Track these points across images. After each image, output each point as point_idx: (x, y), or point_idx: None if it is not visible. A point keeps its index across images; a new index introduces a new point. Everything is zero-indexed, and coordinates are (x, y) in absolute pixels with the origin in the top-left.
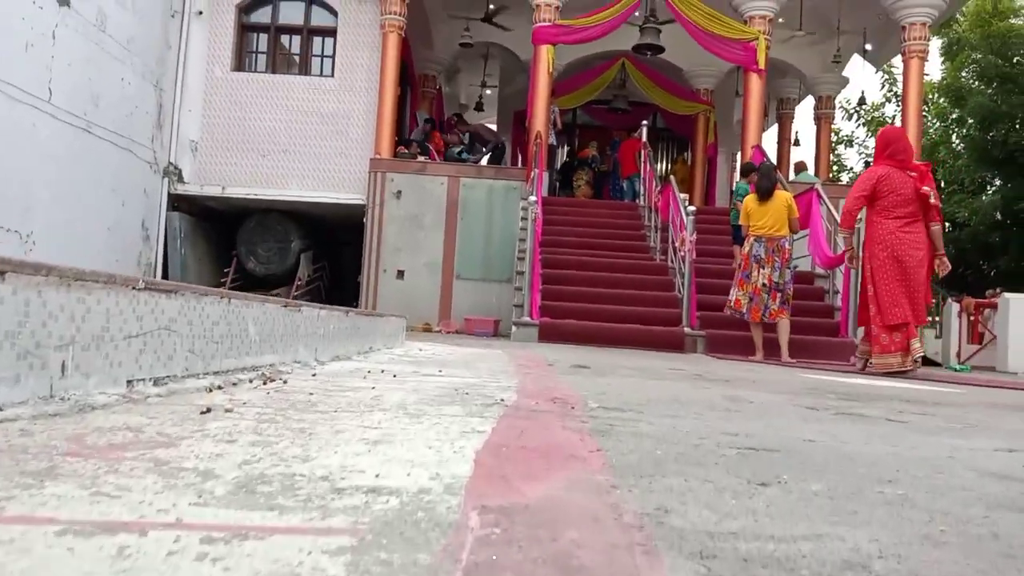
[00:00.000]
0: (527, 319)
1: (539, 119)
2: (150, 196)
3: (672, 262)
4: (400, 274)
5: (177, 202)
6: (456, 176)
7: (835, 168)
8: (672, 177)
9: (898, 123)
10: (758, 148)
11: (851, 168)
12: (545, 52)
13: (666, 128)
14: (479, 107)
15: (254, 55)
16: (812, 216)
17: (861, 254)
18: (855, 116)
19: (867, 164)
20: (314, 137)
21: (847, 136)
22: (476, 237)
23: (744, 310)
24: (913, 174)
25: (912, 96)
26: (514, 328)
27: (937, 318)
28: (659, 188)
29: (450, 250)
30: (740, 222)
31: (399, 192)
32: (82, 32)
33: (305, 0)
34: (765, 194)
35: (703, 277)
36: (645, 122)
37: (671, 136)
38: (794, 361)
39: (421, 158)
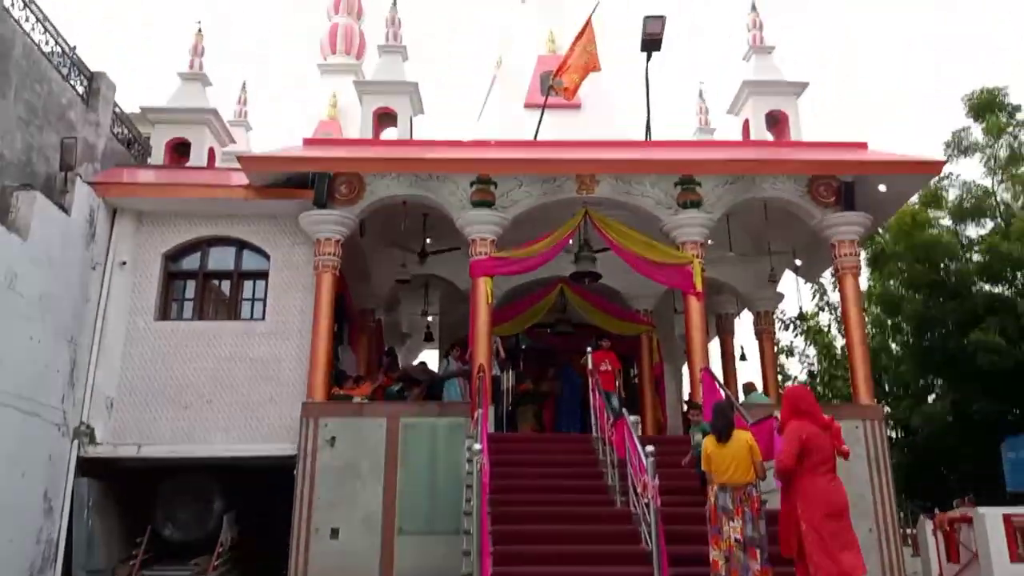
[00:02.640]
0: None
1: (481, 351)
2: (55, 462)
3: (634, 506)
4: (335, 533)
5: (87, 465)
6: (395, 416)
7: (780, 379)
8: (625, 412)
9: (838, 333)
10: (707, 371)
11: (795, 377)
12: (483, 284)
13: (609, 347)
14: (428, 337)
15: (180, 302)
16: (776, 447)
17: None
18: (792, 327)
19: (810, 374)
20: (242, 384)
21: (787, 346)
22: (420, 483)
23: (723, 573)
24: (826, 431)
25: (852, 311)
26: None
27: (911, 530)
28: (611, 421)
29: (391, 500)
30: (703, 467)
31: (333, 438)
32: None
33: (235, 245)
34: (723, 435)
35: (671, 523)
36: (589, 348)
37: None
38: None
39: (357, 399)
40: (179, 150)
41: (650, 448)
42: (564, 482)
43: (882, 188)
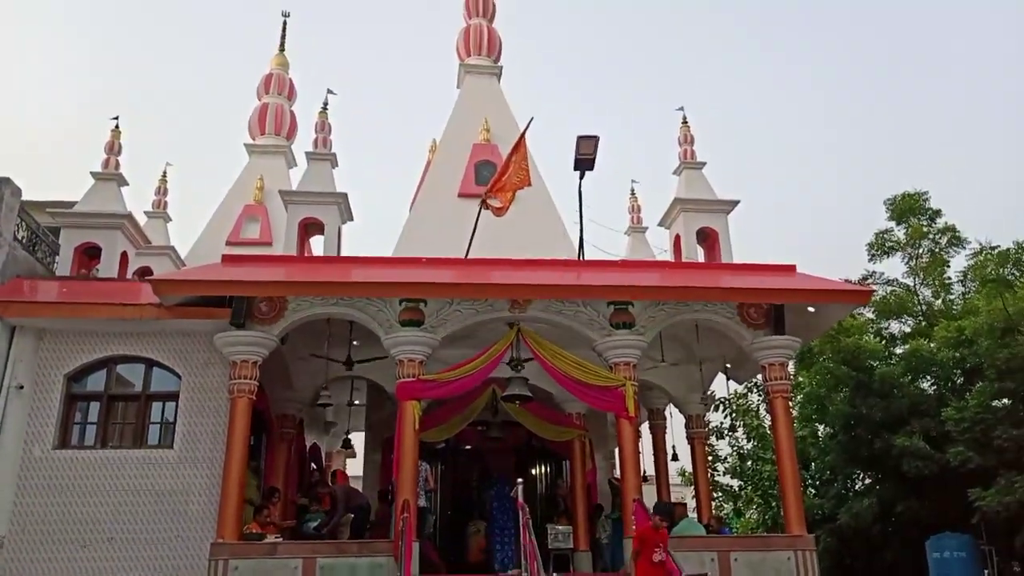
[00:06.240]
0: None
1: (406, 484)
2: None
3: None
4: None
5: None
6: (312, 556)
7: (710, 459)
8: None
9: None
10: (639, 503)
11: (725, 458)
12: (410, 408)
13: (541, 447)
14: (347, 444)
15: (83, 427)
16: None
17: None
18: (722, 407)
19: (740, 455)
20: (146, 519)
21: (717, 427)
22: None
23: None
24: None
25: (783, 436)
26: None
27: None
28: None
29: None
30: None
31: None
32: None
33: (145, 363)
34: None
35: None
36: (520, 480)
37: (547, 454)
38: None
39: (270, 537)
40: (89, 253)
41: None
42: None
43: (811, 309)
